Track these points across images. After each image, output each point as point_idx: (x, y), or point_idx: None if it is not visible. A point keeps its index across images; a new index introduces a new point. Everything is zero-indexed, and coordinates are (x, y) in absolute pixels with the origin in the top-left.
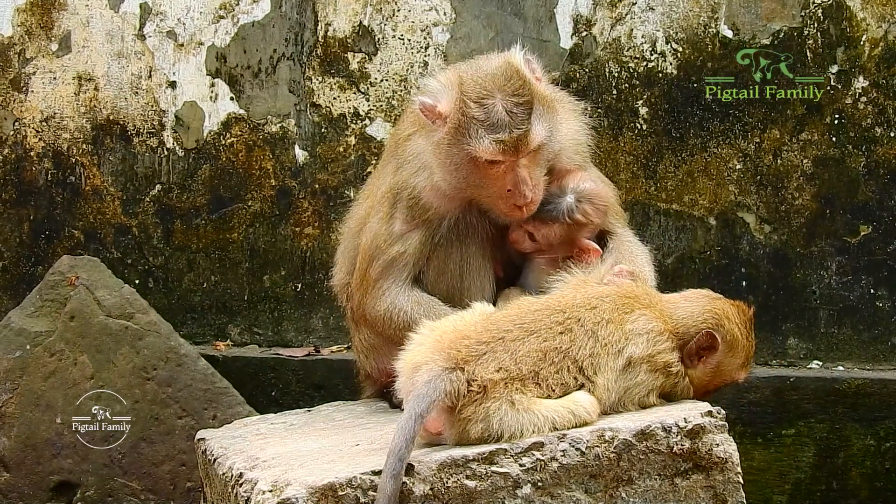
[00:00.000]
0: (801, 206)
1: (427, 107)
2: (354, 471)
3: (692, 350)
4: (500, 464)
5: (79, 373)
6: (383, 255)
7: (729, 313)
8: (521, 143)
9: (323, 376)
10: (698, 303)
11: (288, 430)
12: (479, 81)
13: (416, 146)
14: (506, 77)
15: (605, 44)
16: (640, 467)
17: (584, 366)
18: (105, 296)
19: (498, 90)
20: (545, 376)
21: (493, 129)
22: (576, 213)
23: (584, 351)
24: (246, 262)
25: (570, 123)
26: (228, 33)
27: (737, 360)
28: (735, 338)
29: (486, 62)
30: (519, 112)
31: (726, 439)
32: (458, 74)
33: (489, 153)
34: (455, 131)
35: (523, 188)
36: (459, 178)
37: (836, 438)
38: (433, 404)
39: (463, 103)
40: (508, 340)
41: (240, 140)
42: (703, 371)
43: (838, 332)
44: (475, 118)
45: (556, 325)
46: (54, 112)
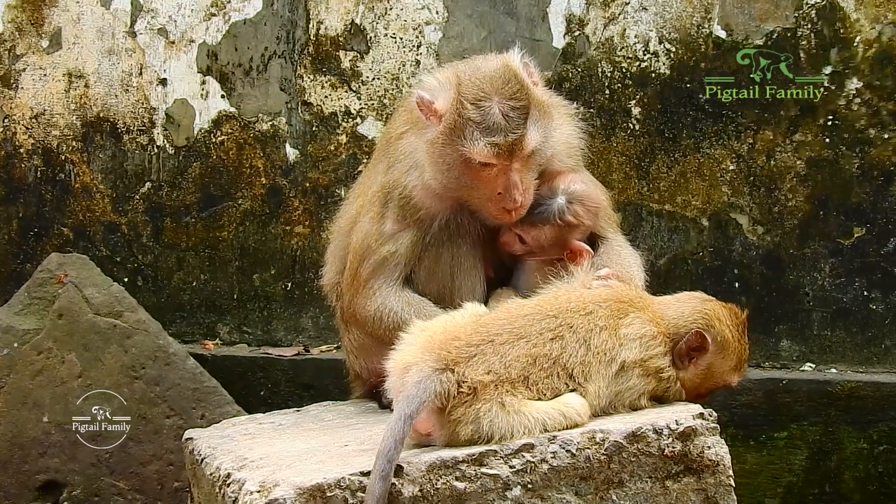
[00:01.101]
0: (795, 208)
1: (425, 102)
2: (343, 472)
3: (682, 351)
4: (489, 465)
5: (66, 371)
6: (374, 255)
7: (720, 314)
8: (516, 148)
9: (312, 376)
10: (689, 304)
11: (276, 430)
12: (476, 83)
13: (409, 144)
14: (504, 80)
15: (598, 43)
16: (630, 469)
17: (574, 373)
18: (93, 294)
19: (495, 93)
20: (535, 381)
21: (488, 132)
22: (567, 215)
23: (574, 359)
24: (236, 261)
25: (564, 128)
26: (220, 31)
27: (728, 362)
28: (726, 339)
29: (483, 63)
30: (515, 116)
31: (718, 442)
32: (455, 74)
33: (483, 156)
34: (450, 131)
35: (514, 192)
36: (451, 179)
37: (829, 441)
38: (423, 405)
39: (459, 104)
40: (498, 344)
41: (230, 138)
42: (694, 373)
43: (831, 334)
44: (471, 120)
45: (546, 331)
46: (44, 109)
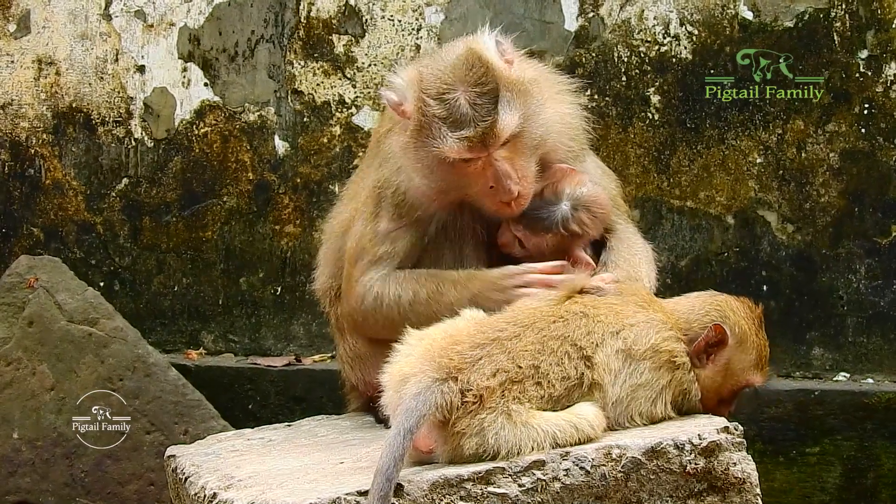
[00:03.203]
0: (828, 204)
1: (392, 104)
2: (338, 491)
3: (700, 347)
4: (497, 484)
5: (38, 383)
6: (368, 255)
7: (734, 306)
8: (489, 137)
9: (304, 388)
10: (699, 298)
11: (266, 446)
12: (437, 75)
13: (395, 143)
14: (467, 66)
15: (614, 26)
16: (650, 488)
17: (582, 345)
18: (67, 299)
19: (459, 82)
20: (545, 370)
21: (455, 126)
22: (571, 224)
23: (580, 331)
24: (221, 264)
25: (557, 106)
26: (202, 13)
27: (748, 356)
28: (744, 331)
29: (447, 52)
30: (483, 103)
31: (744, 458)
32: (417, 70)
33: (455, 152)
34: (418, 133)
35: (507, 182)
36: (437, 181)
37: (865, 457)
38: (423, 419)
39: (422, 101)
40: (504, 339)
41: (214, 130)
42: (714, 371)
43: (867, 341)
44: (436, 116)
45: (551, 315)
46: (12, 99)
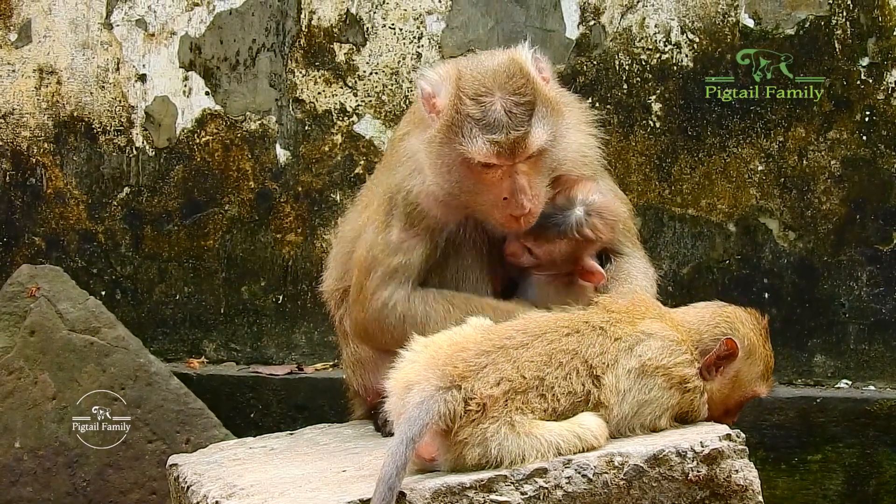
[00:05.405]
0: (829, 211)
1: (426, 94)
2: (340, 499)
3: (711, 361)
4: (499, 492)
5: (39, 393)
6: (381, 266)
7: (742, 317)
8: (519, 147)
9: (306, 396)
10: (708, 310)
11: (268, 455)
12: (478, 77)
13: (411, 146)
14: (508, 74)
15: (615, 34)
16: (652, 496)
17: (593, 364)
18: (68, 308)
19: (498, 88)
20: (551, 384)
21: (488, 129)
22: (585, 228)
23: (593, 349)
24: (222, 272)
25: (578, 134)
26: (203, 22)
27: (755, 368)
28: (753, 343)
29: (489, 57)
30: (519, 112)
31: (746, 465)
32: (457, 68)
33: (483, 155)
34: (448, 129)
35: (521, 197)
36: (452, 183)
37: (867, 465)
38: (426, 428)
39: (458, 99)
40: (510, 348)
41: (216, 138)
42: (722, 383)
43: (869, 348)
44: (470, 116)
45: (563, 327)
46: (13, 108)
